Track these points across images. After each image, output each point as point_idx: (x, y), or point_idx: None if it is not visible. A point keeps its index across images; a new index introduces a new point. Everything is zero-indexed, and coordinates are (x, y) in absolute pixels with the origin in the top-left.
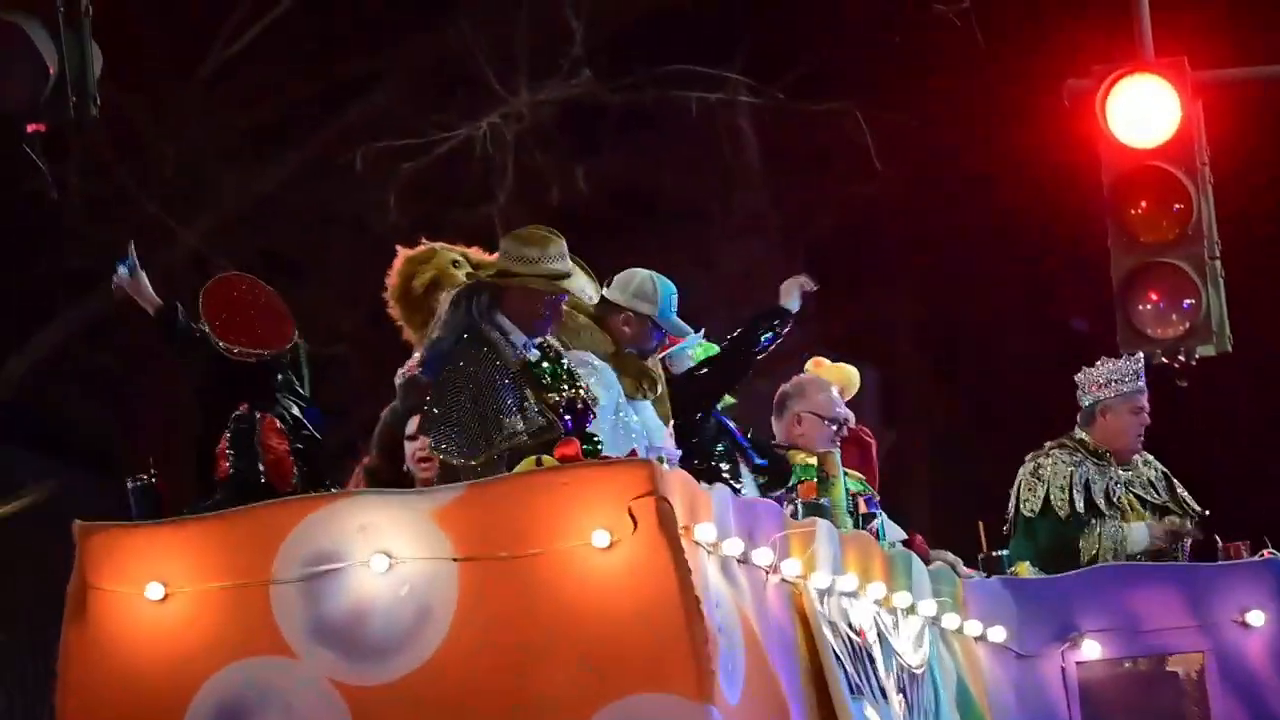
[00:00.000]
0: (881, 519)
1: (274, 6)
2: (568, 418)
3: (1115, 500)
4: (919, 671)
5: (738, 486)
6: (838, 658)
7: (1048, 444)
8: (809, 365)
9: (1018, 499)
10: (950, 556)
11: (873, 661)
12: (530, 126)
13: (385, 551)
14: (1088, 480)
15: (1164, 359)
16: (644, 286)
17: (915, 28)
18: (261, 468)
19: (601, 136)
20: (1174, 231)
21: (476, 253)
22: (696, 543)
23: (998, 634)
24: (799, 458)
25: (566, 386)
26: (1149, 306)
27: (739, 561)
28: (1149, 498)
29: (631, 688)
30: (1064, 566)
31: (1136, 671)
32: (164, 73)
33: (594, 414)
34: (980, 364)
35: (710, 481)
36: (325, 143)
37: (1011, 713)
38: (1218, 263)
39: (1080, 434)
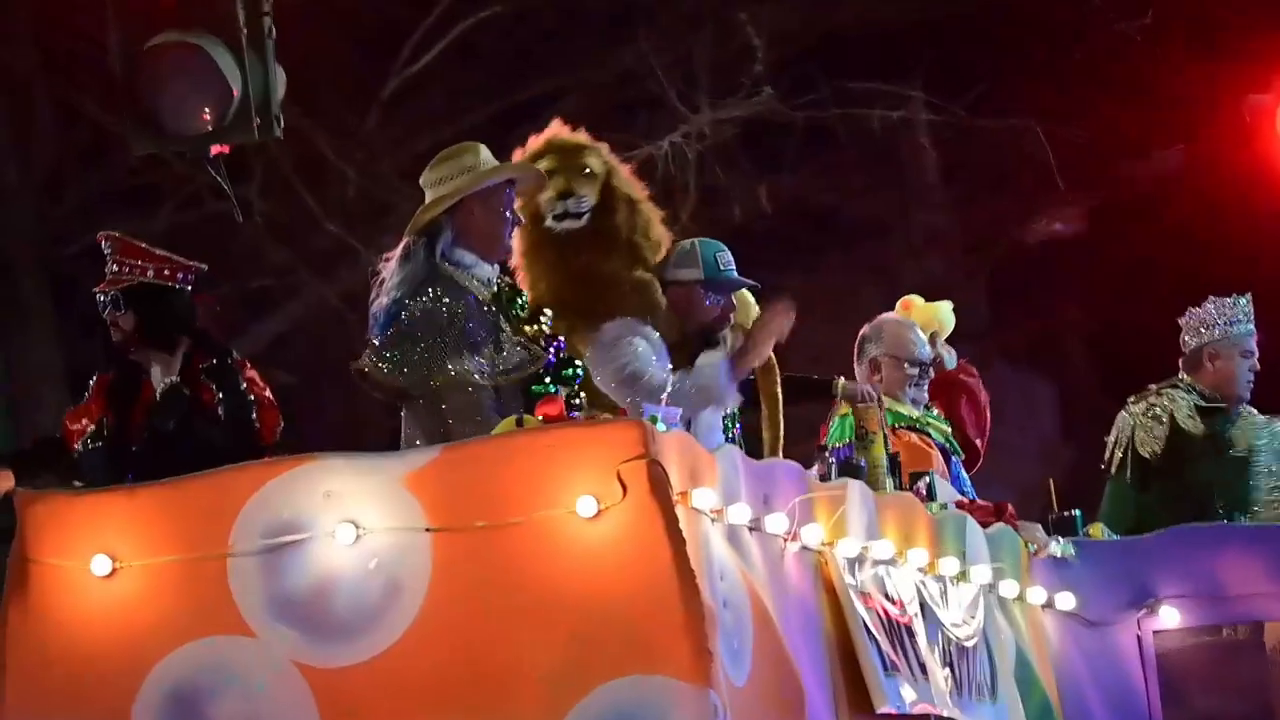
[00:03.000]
0: (933, 478)
1: (454, 27)
2: (550, 349)
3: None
4: (970, 644)
5: None
6: (869, 632)
7: (1154, 386)
8: (898, 306)
9: (1129, 444)
10: (1040, 533)
11: (913, 635)
12: (712, 145)
13: (352, 521)
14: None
15: None
16: (682, 254)
17: (1097, 44)
18: (255, 414)
19: (783, 154)
20: None
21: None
22: (696, 510)
23: (1066, 601)
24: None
25: (543, 319)
26: None
27: (751, 530)
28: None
29: (622, 669)
30: (1199, 501)
31: (1220, 641)
32: (346, 94)
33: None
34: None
35: None
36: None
37: (1082, 685)
38: None
39: (1187, 379)
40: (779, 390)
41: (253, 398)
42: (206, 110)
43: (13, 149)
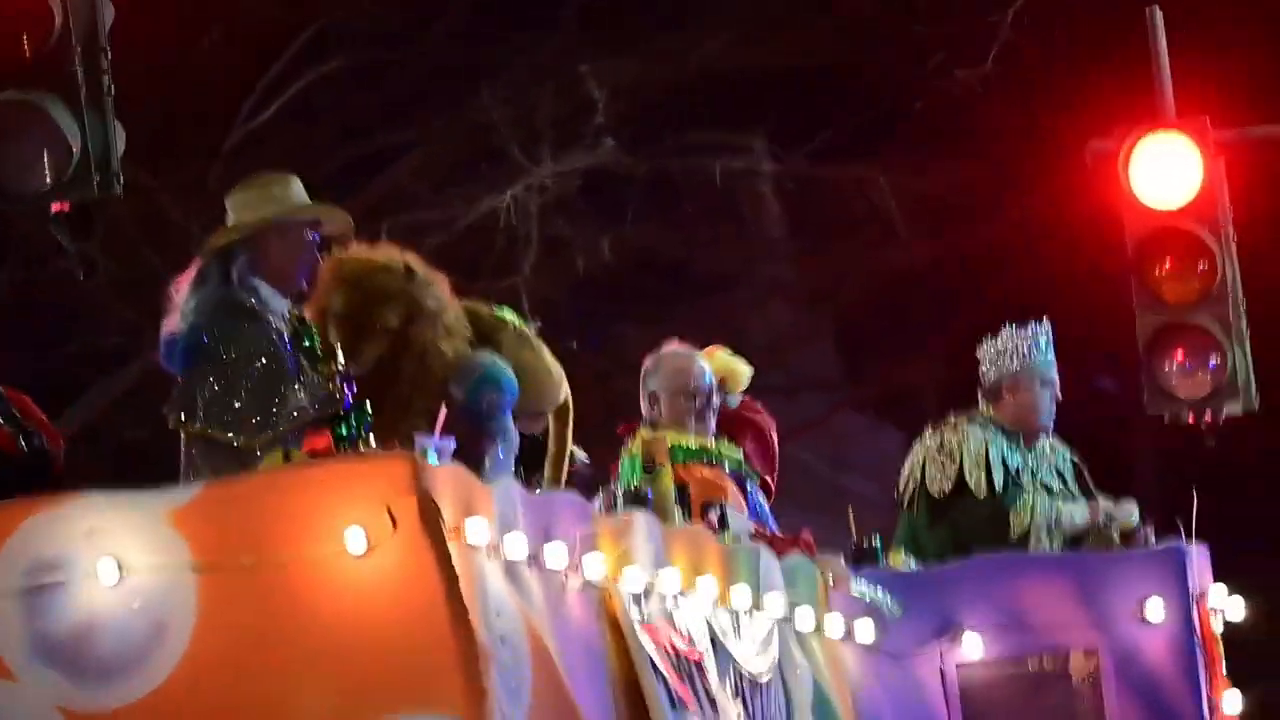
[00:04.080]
0: (725, 508)
1: (295, 82)
2: (346, 388)
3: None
4: (765, 678)
5: None
6: (655, 668)
7: (951, 418)
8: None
9: (920, 478)
10: (840, 566)
11: (702, 670)
12: (555, 197)
13: (115, 559)
14: (1003, 455)
15: (1191, 419)
16: (462, 370)
17: (938, 94)
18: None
19: (626, 205)
20: (1199, 291)
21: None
22: (470, 545)
23: (865, 633)
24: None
25: (337, 356)
26: (1175, 367)
27: (531, 566)
28: (1055, 486)
29: (396, 707)
30: (988, 549)
31: (1024, 672)
32: (187, 149)
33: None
34: None
35: None
36: (351, 216)
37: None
38: (1243, 321)
39: (986, 411)
40: (569, 434)
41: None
42: (46, 168)
43: None
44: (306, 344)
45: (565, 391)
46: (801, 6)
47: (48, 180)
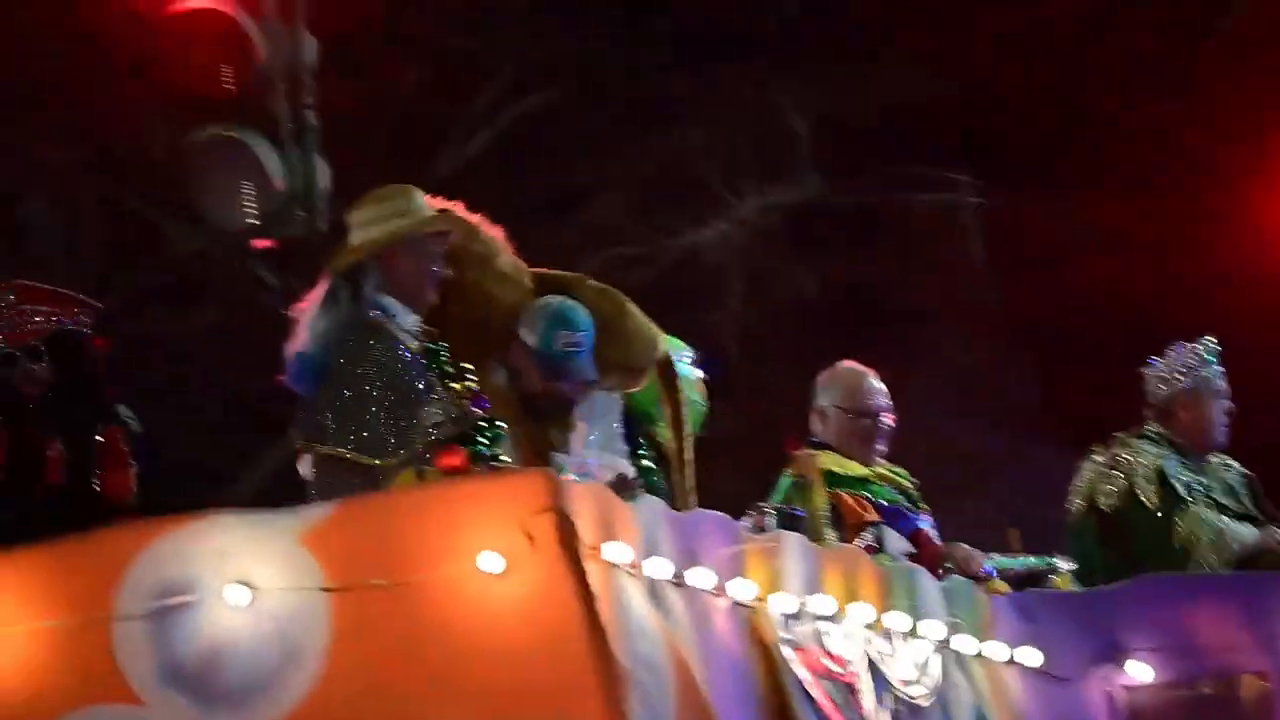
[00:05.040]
0: (881, 529)
1: (499, 117)
2: (476, 406)
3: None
4: (924, 703)
5: None
6: (805, 692)
7: (1120, 434)
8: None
9: (1090, 496)
10: (963, 550)
11: (856, 694)
12: (758, 231)
13: (245, 581)
14: (1176, 471)
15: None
16: (530, 310)
17: (1138, 125)
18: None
19: (829, 239)
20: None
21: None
22: (610, 564)
23: (1029, 656)
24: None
25: (469, 373)
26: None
27: (675, 586)
28: (1228, 504)
29: None
30: (1159, 567)
31: (1193, 695)
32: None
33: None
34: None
35: None
36: (553, 254)
37: None
38: None
39: (1156, 428)
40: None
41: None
42: (249, 204)
43: (59, 244)
44: (438, 361)
45: (662, 349)
46: (1005, 40)
47: (251, 216)
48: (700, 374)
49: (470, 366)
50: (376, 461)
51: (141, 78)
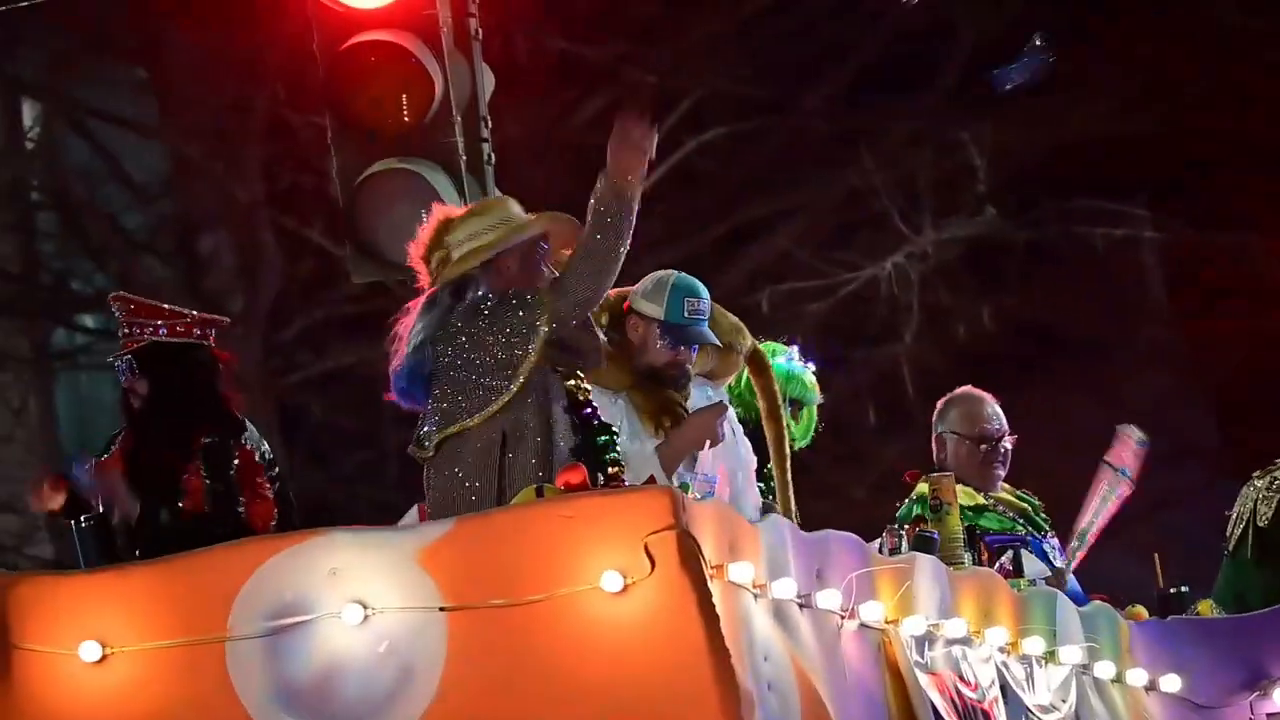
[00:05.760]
0: (1019, 552)
1: (676, 150)
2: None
3: None
4: None
5: None
6: (940, 717)
7: None
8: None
9: (1249, 518)
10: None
11: None
12: (935, 264)
13: (360, 600)
14: None
15: None
16: (652, 285)
17: None
18: (242, 505)
19: (1006, 273)
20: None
21: None
22: (734, 584)
23: (1171, 683)
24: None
25: (580, 382)
26: None
27: (802, 607)
28: None
29: None
30: None
31: None
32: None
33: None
34: None
35: None
36: (732, 285)
37: None
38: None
39: None
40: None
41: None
42: None
43: (239, 278)
44: None
45: (748, 338)
46: (1183, 73)
47: None
48: (811, 368)
49: (580, 373)
50: (492, 407)
51: (319, 111)
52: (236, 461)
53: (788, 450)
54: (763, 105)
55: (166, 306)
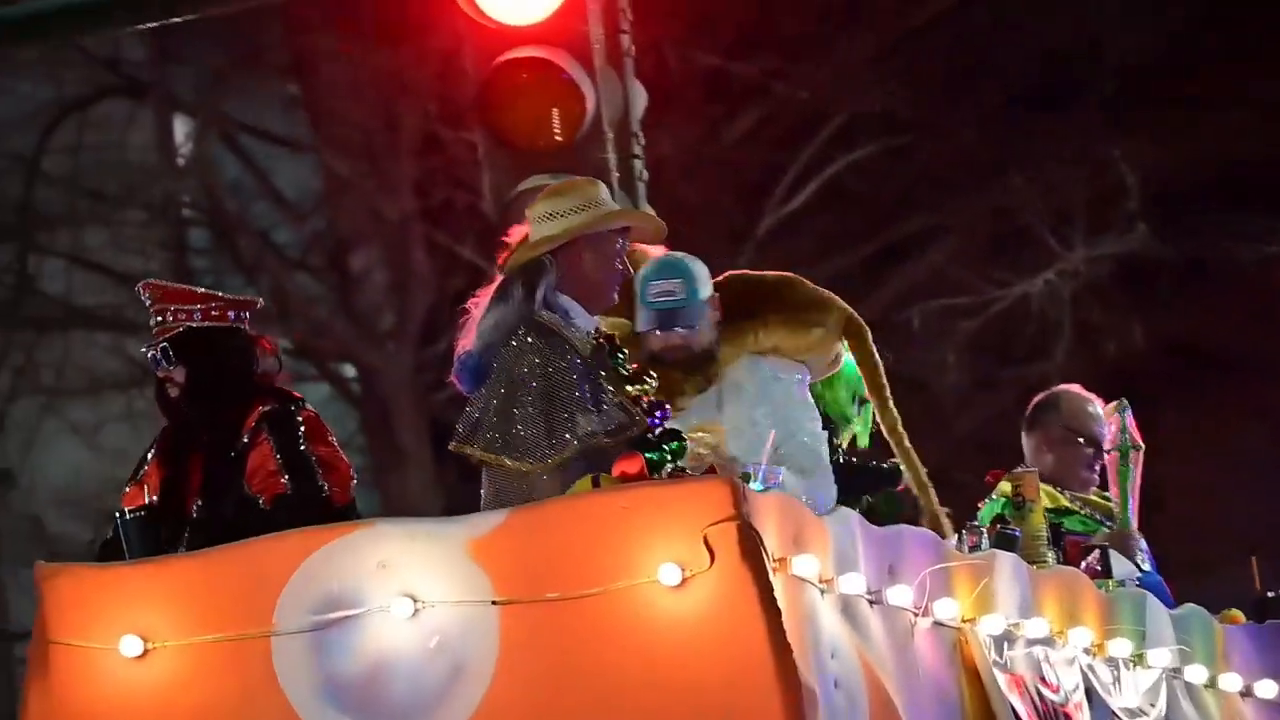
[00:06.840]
0: (1107, 551)
1: (827, 168)
2: (656, 415)
3: None
4: None
5: None
6: (1019, 719)
7: None
8: None
9: None
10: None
11: None
12: (1086, 283)
13: (410, 594)
14: None
15: None
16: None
17: None
18: (321, 481)
19: (1158, 291)
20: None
21: None
22: (798, 578)
23: (1268, 689)
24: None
25: (646, 379)
26: None
27: (873, 604)
28: None
29: None
30: None
31: None
32: (721, 236)
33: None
34: None
35: None
36: (883, 302)
37: None
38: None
39: None
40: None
41: (314, 456)
42: None
43: (390, 295)
44: (615, 362)
45: (833, 312)
46: None
47: None
48: None
49: (653, 373)
50: (522, 467)
51: (470, 128)
52: (301, 424)
53: (895, 418)
54: (913, 123)
55: (200, 290)
